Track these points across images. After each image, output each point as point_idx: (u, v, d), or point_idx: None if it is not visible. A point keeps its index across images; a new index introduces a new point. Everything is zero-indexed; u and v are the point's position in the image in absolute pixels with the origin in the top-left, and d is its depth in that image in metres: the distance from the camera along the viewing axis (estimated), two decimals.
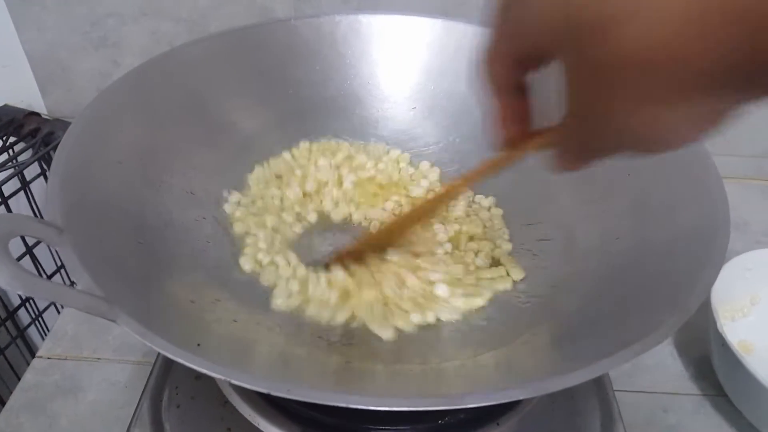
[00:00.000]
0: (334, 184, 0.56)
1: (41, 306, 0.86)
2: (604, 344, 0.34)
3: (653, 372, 0.58)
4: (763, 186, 0.82)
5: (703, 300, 0.34)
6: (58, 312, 0.76)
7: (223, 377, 0.29)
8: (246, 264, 0.47)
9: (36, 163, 0.77)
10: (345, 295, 0.45)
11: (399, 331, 0.44)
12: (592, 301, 0.42)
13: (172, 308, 0.38)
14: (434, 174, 0.59)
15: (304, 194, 0.54)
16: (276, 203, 0.53)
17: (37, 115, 0.81)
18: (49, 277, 0.82)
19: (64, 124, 0.80)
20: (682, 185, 0.45)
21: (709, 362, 0.56)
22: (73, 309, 0.37)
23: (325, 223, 0.53)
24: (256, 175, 0.55)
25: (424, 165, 0.60)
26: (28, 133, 0.79)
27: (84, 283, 0.32)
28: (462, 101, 0.60)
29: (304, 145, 0.58)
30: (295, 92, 0.59)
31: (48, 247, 0.67)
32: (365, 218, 0.53)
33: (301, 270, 0.47)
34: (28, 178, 0.78)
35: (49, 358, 0.59)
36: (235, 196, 0.52)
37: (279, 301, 0.45)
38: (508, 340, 0.41)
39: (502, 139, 0.35)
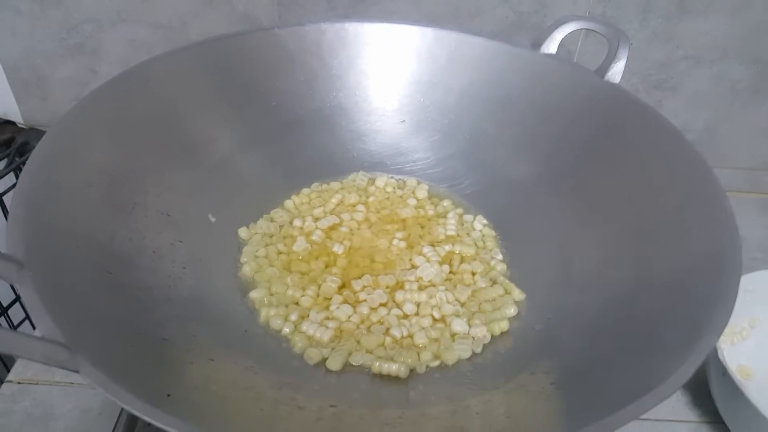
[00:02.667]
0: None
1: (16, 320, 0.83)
2: (606, 393, 0.32)
3: None
4: (760, 200, 0.81)
5: (714, 345, 0.32)
6: (33, 327, 0.73)
7: None
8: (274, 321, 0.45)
9: (12, 174, 0.74)
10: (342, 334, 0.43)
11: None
12: (591, 337, 0.40)
13: (143, 350, 0.35)
14: (422, 191, 0.56)
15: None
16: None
17: (13, 124, 0.78)
18: (6, 309, 0.76)
19: (39, 134, 0.77)
20: (686, 209, 0.43)
21: (707, 387, 0.54)
22: None
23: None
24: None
25: (411, 182, 0.57)
26: (2, 142, 0.76)
27: (45, 326, 0.30)
28: (453, 115, 0.58)
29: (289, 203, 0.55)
30: (278, 104, 0.56)
31: None
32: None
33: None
34: (1, 190, 0.75)
35: (19, 383, 0.56)
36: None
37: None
38: (503, 380, 0.39)
39: None
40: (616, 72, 0.53)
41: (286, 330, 0.44)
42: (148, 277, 0.42)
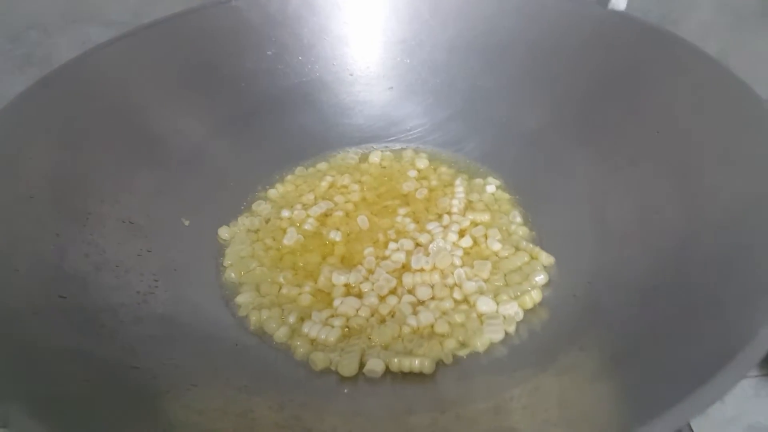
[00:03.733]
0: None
1: None
2: (675, 367, 0.25)
3: None
4: None
5: None
6: None
7: None
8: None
9: None
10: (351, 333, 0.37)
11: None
12: (643, 299, 0.33)
13: (104, 384, 0.28)
14: (422, 161, 0.50)
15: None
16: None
17: None
18: None
19: None
20: (728, 136, 0.36)
21: None
22: None
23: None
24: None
25: (408, 153, 0.51)
26: None
27: None
28: (444, 74, 0.51)
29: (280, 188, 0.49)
30: (247, 85, 0.50)
31: None
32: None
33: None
34: None
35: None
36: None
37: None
38: (548, 361, 0.32)
39: None
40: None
41: (283, 334, 0.37)
42: (111, 296, 0.35)
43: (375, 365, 0.34)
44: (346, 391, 0.34)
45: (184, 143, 0.46)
